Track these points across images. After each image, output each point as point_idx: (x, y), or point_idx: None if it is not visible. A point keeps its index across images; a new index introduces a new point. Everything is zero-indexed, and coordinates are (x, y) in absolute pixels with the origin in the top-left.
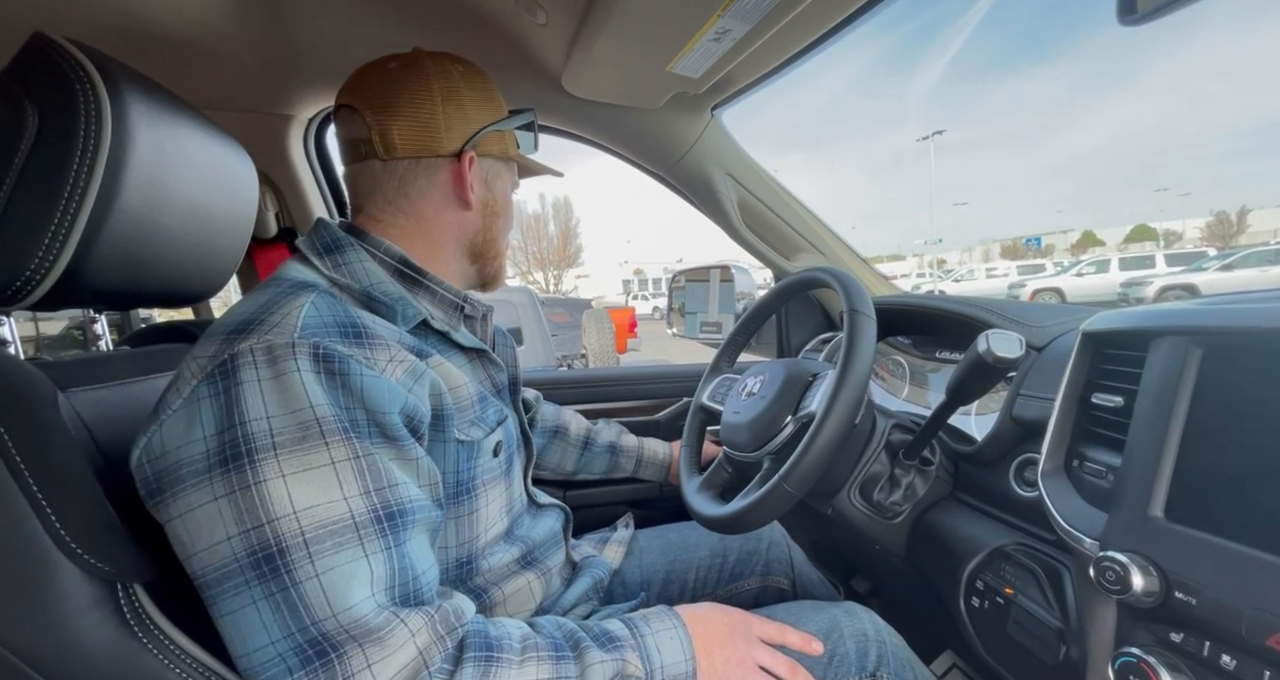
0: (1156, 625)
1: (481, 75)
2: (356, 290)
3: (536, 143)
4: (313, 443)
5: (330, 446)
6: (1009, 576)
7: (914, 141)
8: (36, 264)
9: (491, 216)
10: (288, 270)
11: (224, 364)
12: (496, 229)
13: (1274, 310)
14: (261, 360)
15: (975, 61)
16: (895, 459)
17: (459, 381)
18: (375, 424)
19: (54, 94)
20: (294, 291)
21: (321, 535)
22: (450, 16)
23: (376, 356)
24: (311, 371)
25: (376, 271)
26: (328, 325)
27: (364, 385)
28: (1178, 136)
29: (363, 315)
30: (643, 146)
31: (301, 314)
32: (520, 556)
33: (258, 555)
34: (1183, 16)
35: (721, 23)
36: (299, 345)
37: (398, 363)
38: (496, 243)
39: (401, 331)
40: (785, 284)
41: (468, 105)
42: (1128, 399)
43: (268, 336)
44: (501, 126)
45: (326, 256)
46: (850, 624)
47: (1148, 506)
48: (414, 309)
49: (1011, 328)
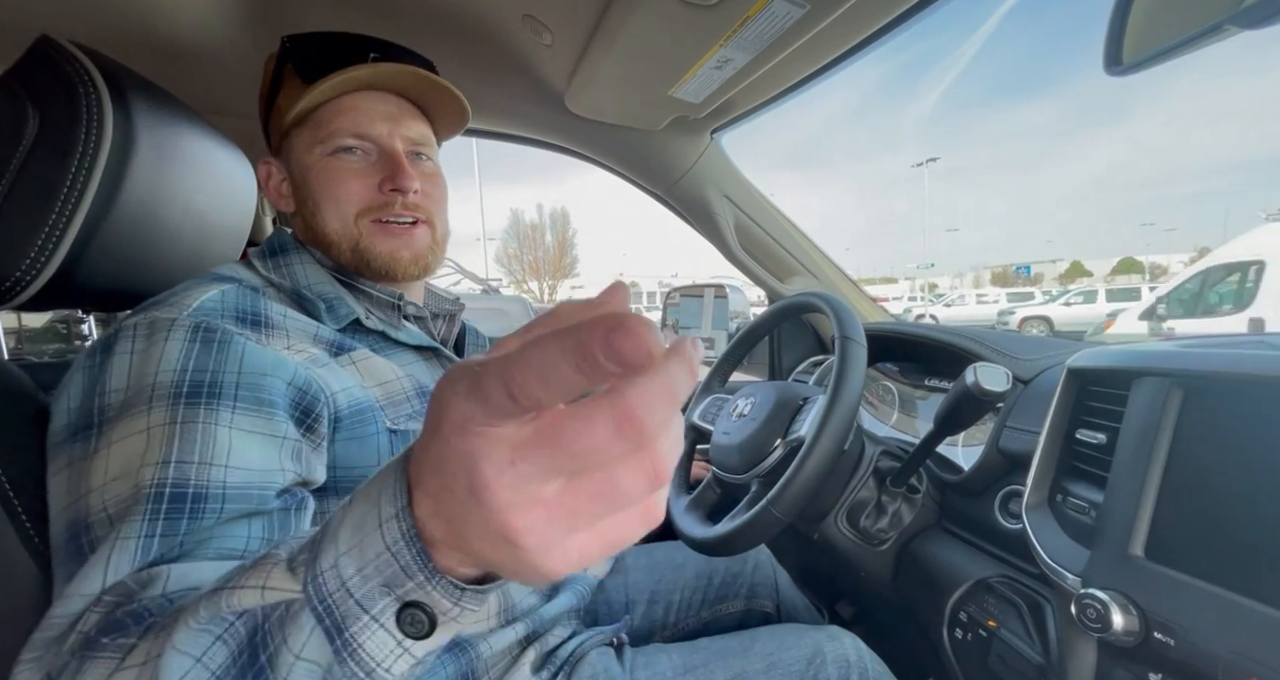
0: (1136, 665)
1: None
2: (288, 288)
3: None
4: (138, 408)
5: (152, 411)
6: (992, 609)
7: (909, 167)
8: (28, 264)
9: (301, 202)
10: (221, 268)
11: (107, 339)
12: (309, 212)
13: (1253, 357)
14: (141, 334)
15: (970, 93)
16: (883, 486)
17: (389, 376)
18: (245, 387)
19: (56, 97)
20: (211, 282)
21: (121, 513)
22: (456, 32)
23: (271, 342)
24: (181, 341)
25: (317, 273)
26: (226, 309)
27: (246, 351)
28: (1165, 172)
29: (274, 309)
30: (642, 166)
31: (204, 297)
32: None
33: (72, 530)
34: (1171, 61)
35: (723, 52)
36: (180, 321)
37: (296, 351)
38: (321, 226)
39: (320, 328)
40: (779, 307)
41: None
42: (1111, 436)
43: (155, 312)
44: (285, 103)
45: (269, 259)
46: (833, 649)
47: (1128, 545)
48: (348, 308)
49: (999, 360)
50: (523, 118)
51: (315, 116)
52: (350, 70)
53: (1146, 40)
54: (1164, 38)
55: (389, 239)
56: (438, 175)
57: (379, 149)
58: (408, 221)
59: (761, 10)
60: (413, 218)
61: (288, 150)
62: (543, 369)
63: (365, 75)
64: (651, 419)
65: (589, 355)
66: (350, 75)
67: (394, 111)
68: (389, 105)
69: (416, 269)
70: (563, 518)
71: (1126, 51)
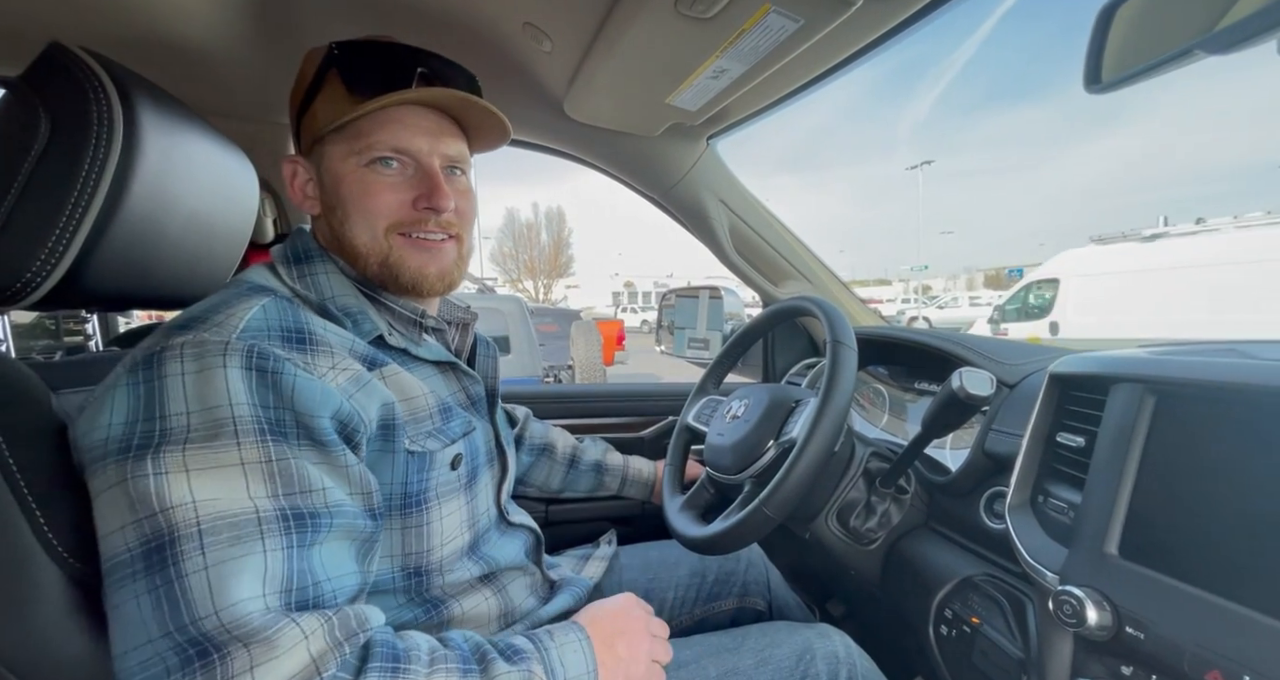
0: (1109, 658)
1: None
2: (314, 301)
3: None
4: (225, 441)
5: (242, 447)
6: (976, 606)
7: (903, 170)
8: (38, 266)
9: (329, 209)
10: (251, 274)
11: (151, 357)
12: (336, 220)
13: (1221, 364)
14: (189, 354)
15: (964, 96)
16: (872, 486)
17: (415, 392)
18: (303, 427)
19: (68, 104)
20: (249, 294)
21: (219, 526)
22: (457, 37)
23: (318, 362)
24: (240, 369)
25: (342, 284)
26: (272, 329)
27: (296, 386)
28: (1154, 178)
29: (315, 322)
30: (639, 171)
31: (248, 316)
32: (483, 575)
33: (149, 545)
34: (1153, 79)
35: (720, 62)
36: (233, 345)
37: (340, 370)
38: (349, 236)
39: (355, 340)
40: (772, 311)
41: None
42: (1089, 439)
43: (204, 334)
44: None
45: (294, 266)
46: (823, 646)
47: (1103, 544)
48: (371, 323)
49: (986, 364)
50: (522, 122)
51: (355, 126)
52: (403, 93)
53: (1123, 61)
54: (1139, 59)
55: (418, 253)
56: (470, 192)
57: (417, 164)
58: (438, 237)
59: (757, 23)
60: (444, 235)
61: (320, 154)
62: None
63: (414, 96)
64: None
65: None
66: (401, 96)
67: (435, 128)
68: (431, 121)
69: (442, 285)
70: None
71: (1105, 70)
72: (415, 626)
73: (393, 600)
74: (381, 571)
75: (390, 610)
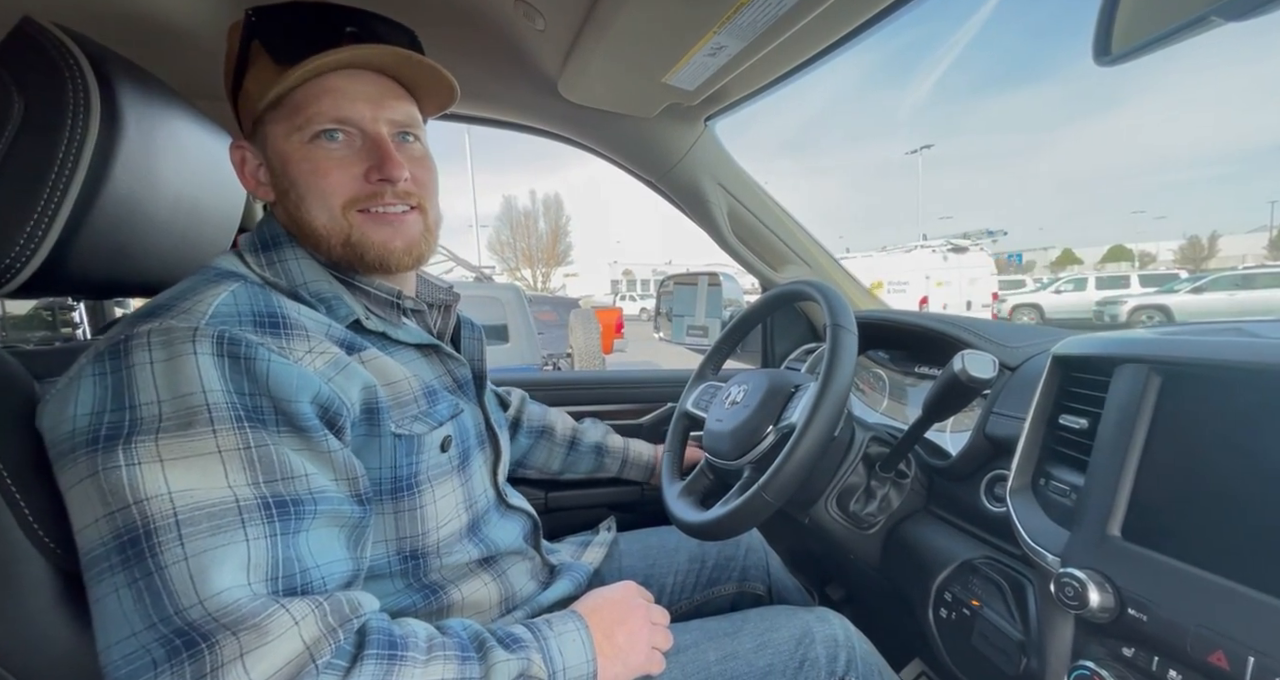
0: (1110, 640)
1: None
2: (285, 288)
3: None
4: (199, 429)
5: (218, 434)
6: (976, 589)
7: (903, 154)
8: (17, 252)
9: (282, 193)
10: (219, 260)
11: (116, 346)
12: (292, 203)
13: (1227, 343)
14: (157, 342)
15: (964, 80)
16: (872, 471)
17: (397, 376)
18: (282, 413)
19: (41, 81)
20: (217, 279)
21: (197, 517)
22: (448, 17)
23: (293, 346)
24: (211, 355)
25: (313, 269)
26: (243, 314)
27: (270, 372)
28: (1158, 160)
29: (288, 306)
30: (636, 153)
31: (216, 301)
32: (482, 558)
33: (123, 538)
34: (1166, 48)
35: (717, 39)
36: (202, 331)
37: (318, 353)
38: (307, 220)
39: (331, 324)
40: (771, 295)
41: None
42: (1092, 421)
43: (171, 321)
44: (254, 85)
45: (262, 254)
46: (822, 629)
47: (1106, 526)
48: (346, 308)
49: (987, 347)
50: (515, 104)
51: (291, 99)
52: (328, 54)
53: (1135, 31)
54: (1152, 28)
55: (380, 228)
56: (426, 157)
57: (363, 134)
58: (399, 209)
59: None
60: (404, 206)
61: (262, 136)
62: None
63: (345, 56)
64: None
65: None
66: (329, 58)
67: (376, 92)
68: (370, 85)
69: (410, 259)
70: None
71: (1115, 42)
72: (415, 614)
73: (390, 585)
74: (376, 556)
75: (388, 596)
